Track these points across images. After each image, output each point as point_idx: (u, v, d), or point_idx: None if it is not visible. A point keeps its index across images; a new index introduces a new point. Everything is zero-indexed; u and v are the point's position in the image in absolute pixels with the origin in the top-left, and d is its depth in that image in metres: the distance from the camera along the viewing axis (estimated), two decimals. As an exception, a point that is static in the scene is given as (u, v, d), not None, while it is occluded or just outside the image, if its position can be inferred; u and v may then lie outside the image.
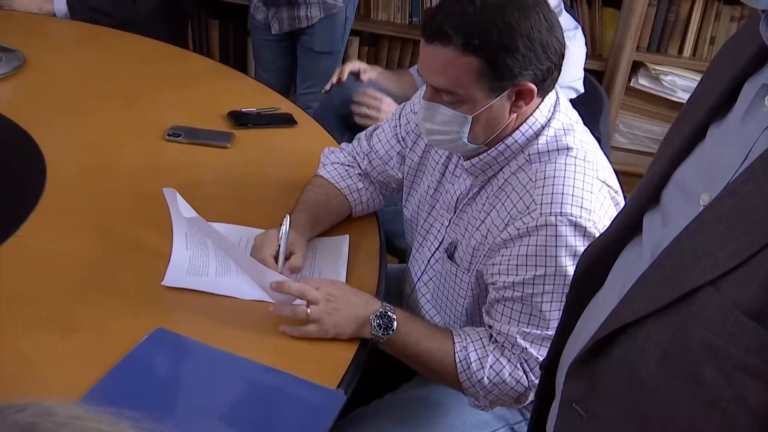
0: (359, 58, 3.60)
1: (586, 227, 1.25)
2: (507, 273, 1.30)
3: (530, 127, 1.33)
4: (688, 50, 3.35)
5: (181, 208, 1.35)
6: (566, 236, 1.25)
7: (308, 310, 1.30)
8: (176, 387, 1.21)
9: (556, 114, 1.35)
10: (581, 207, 1.25)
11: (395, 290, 1.66)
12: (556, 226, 1.25)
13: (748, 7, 3.20)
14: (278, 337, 1.32)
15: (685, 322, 0.70)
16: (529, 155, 1.33)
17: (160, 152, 1.84)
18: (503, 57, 1.24)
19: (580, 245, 1.25)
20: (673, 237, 0.75)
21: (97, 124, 1.93)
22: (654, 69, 3.32)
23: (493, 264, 1.33)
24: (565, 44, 1.31)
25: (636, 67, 3.36)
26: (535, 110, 1.34)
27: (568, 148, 1.31)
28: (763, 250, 0.65)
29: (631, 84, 3.37)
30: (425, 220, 1.54)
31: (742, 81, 0.79)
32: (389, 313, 1.33)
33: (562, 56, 1.31)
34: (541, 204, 1.26)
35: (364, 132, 1.70)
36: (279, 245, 1.41)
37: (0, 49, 2.19)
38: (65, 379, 1.20)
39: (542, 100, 1.34)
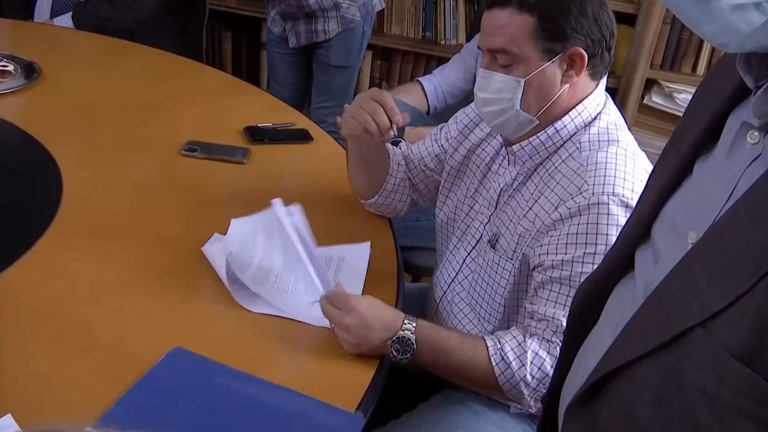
0: (372, 71, 3.61)
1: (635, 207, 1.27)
2: (556, 252, 1.31)
3: (579, 114, 1.38)
4: (702, 68, 3.34)
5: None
6: (617, 215, 1.27)
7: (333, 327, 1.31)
8: (194, 408, 1.19)
9: (606, 109, 1.40)
10: (632, 190, 1.29)
11: (413, 309, 1.65)
12: (608, 204, 1.28)
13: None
14: (297, 358, 1.31)
15: (677, 365, 0.69)
16: (579, 143, 1.37)
17: (176, 167, 1.83)
18: (556, 17, 1.32)
19: None
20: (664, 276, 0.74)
21: (113, 138, 1.92)
22: (668, 86, 3.30)
23: (541, 245, 1.33)
24: (615, 25, 1.38)
25: (649, 84, 3.35)
26: (585, 99, 1.38)
27: (618, 141, 1.36)
28: (749, 292, 0.63)
29: (645, 101, 3.36)
30: (462, 221, 1.55)
31: (726, 115, 0.78)
32: (409, 335, 1.31)
33: (613, 36, 1.37)
34: (594, 185, 1.30)
35: (398, 149, 1.73)
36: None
37: (16, 60, 2.19)
38: (83, 398, 1.18)
39: (594, 89, 1.39)
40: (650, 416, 0.71)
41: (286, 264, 1.43)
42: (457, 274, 1.53)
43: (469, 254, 1.52)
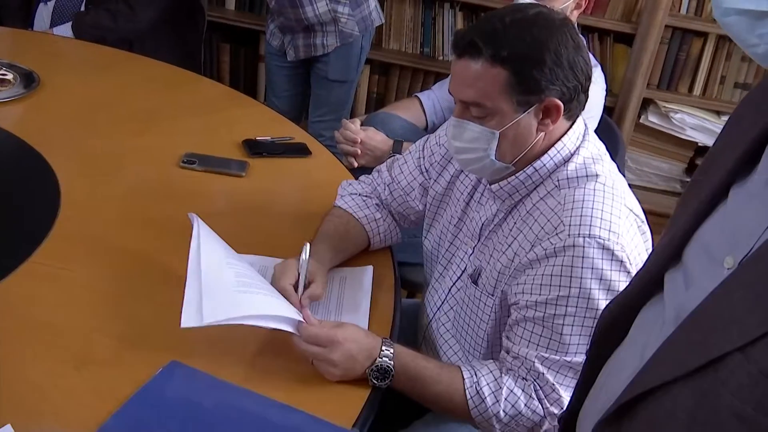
0: (370, 86, 3.62)
1: (614, 250, 1.26)
2: (531, 292, 1.30)
3: (558, 152, 1.35)
4: (698, 89, 3.37)
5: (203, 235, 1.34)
6: (593, 258, 1.26)
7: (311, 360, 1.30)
8: (190, 423, 1.18)
9: (584, 143, 1.37)
10: (609, 230, 1.27)
11: (408, 325, 1.65)
12: (584, 247, 1.26)
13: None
14: (294, 373, 1.30)
15: (712, 389, 0.69)
16: (558, 181, 1.34)
17: (174, 179, 1.83)
18: (530, 69, 1.27)
19: (607, 269, 1.25)
20: (698, 300, 0.74)
21: (111, 148, 1.92)
22: (664, 106, 3.33)
23: (517, 284, 1.33)
24: (592, 67, 1.34)
25: (646, 104, 3.38)
26: (563, 135, 1.36)
27: (596, 176, 1.33)
28: None
29: (641, 120, 3.38)
30: (447, 250, 1.54)
31: (764, 141, 0.78)
32: (387, 362, 1.29)
33: (589, 78, 1.34)
34: (570, 225, 1.28)
35: (384, 164, 1.71)
36: (298, 274, 1.39)
37: (15, 69, 2.19)
38: (78, 411, 1.18)
39: (570, 126, 1.36)
40: None
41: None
42: (443, 303, 1.53)
43: (454, 284, 1.51)
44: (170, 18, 2.78)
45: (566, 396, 1.28)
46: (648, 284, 0.87)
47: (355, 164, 2.07)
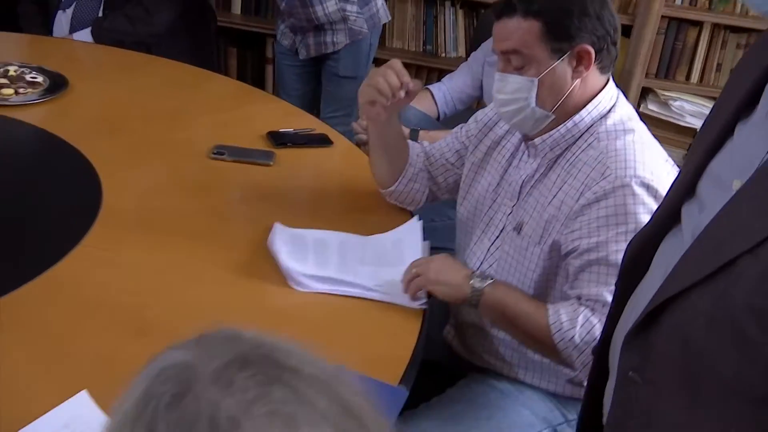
0: (375, 84, 3.70)
1: (657, 189, 1.38)
2: (589, 236, 1.41)
3: (596, 107, 1.48)
4: (695, 76, 3.46)
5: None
6: (641, 195, 1.38)
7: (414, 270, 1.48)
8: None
9: (619, 102, 1.51)
10: (652, 172, 1.40)
11: (438, 305, 1.73)
12: (632, 186, 1.39)
13: (753, 35, 3.33)
14: (340, 334, 1.39)
15: (727, 289, 0.79)
16: (597, 134, 1.47)
17: (206, 169, 1.92)
18: (560, 19, 1.43)
19: (653, 205, 1.37)
20: (710, 220, 0.84)
21: (143, 143, 2.01)
22: (663, 95, 3.42)
23: (572, 231, 1.43)
24: (618, 20, 1.48)
25: (645, 92, 3.47)
26: (599, 92, 1.48)
27: (633, 130, 1.47)
28: None
29: (641, 109, 3.47)
30: (485, 214, 1.64)
31: (765, 83, 0.88)
32: (480, 281, 1.46)
33: (617, 31, 1.48)
34: (616, 169, 1.40)
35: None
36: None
37: (44, 72, 2.28)
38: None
39: (605, 84, 1.49)
40: (703, 337, 0.80)
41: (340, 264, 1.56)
42: (481, 263, 1.62)
43: (492, 243, 1.60)
44: (185, 22, 2.87)
45: None
46: (667, 218, 0.97)
47: None
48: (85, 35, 2.73)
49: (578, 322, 1.40)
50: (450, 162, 1.75)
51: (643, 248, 1.00)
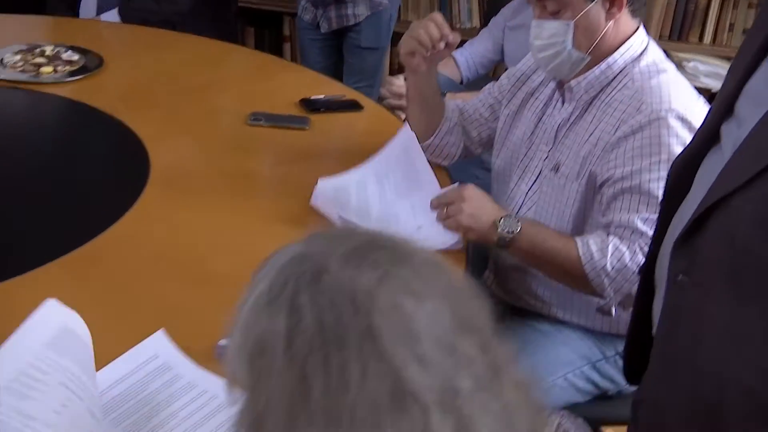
0: (391, 57, 3.76)
1: (691, 121, 1.44)
2: (623, 165, 1.47)
3: (628, 50, 1.55)
4: (708, 37, 3.52)
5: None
6: (676, 127, 1.45)
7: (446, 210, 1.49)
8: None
9: (650, 46, 1.57)
10: (686, 106, 1.47)
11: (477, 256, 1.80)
12: (667, 119, 1.45)
13: (764, -6, 3.38)
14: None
15: None
16: (632, 75, 1.54)
17: (245, 135, 1.99)
18: None
19: (688, 137, 1.43)
20: (749, 132, 0.91)
21: (182, 113, 2.09)
22: (677, 56, 3.47)
23: (608, 162, 1.50)
24: None
25: (659, 55, 3.52)
26: (631, 36, 1.55)
27: (666, 71, 1.54)
28: None
29: (655, 71, 3.52)
30: (521, 161, 1.70)
31: None
32: (511, 220, 1.50)
33: None
34: (651, 103, 1.47)
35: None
36: None
37: (79, 51, 2.34)
38: (205, 325, 1.32)
39: (636, 29, 1.56)
40: (748, 234, 0.87)
41: (382, 202, 1.62)
42: (519, 208, 1.69)
43: (530, 188, 1.67)
44: (207, 1, 2.94)
45: None
46: (707, 139, 1.04)
47: (403, 117, 2.23)
48: (112, 16, 2.80)
49: (608, 251, 1.46)
50: (484, 117, 1.82)
51: (685, 168, 1.06)
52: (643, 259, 1.44)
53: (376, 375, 0.59)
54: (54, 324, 1.10)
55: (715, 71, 3.45)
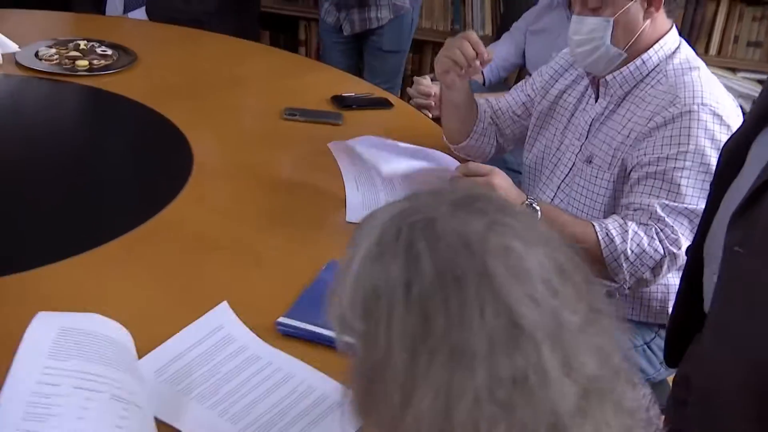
0: (405, 64, 3.83)
1: (722, 115, 1.51)
2: (652, 152, 1.54)
3: (662, 47, 1.61)
4: (714, 49, 3.60)
5: (351, 146, 1.61)
6: (706, 121, 1.51)
7: None
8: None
9: (682, 45, 1.65)
10: (718, 101, 1.53)
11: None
12: (698, 112, 1.51)
13: (768, 8, 3.47)
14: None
15: None
16: (665, 71, 1.60)
17: (281, 129, 2.05)
18: None
19: (718, 131, 1.50)
20: None
21: (218, 107, 2.14)
22: (685, 66, 3.55)
23: (638, 149, 1.57)
24: None
25: (667, 65, 3.60)
26: (666, 34, 1.62)
27: (699, 68, 1.61)
28: None
29: (663, 81, 3.60)
30: (554, 155, 1.77)
31: None
32: (534, 204, 1.53)
33: None
34: (684, 97, 1.54)
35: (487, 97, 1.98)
36: None
37: (112, 46, 2.40)
38: (262, 302, 1.38)
39: (672, 26, 1.63)
40: None
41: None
42: (552, 200, 1.75)
43: (563, 181, 1.74)
44: (231, 3, 3.00)
45: (683, 239, 1.51)
46: (758, 119, 1.10)
47: (430, 116, 2.29)
48: (140, 14, 2.86)
49: (628, 236, 1.52)
50: (517, 114, 1.89)
51: (738, 148, 1.13)
52: (660, 245, 1.51)
53: (492, 313, 0.64)
54: (48, 334, 1.12)
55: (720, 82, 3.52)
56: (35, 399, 1.04)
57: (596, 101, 1.70)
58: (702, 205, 1.50)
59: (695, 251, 1.19)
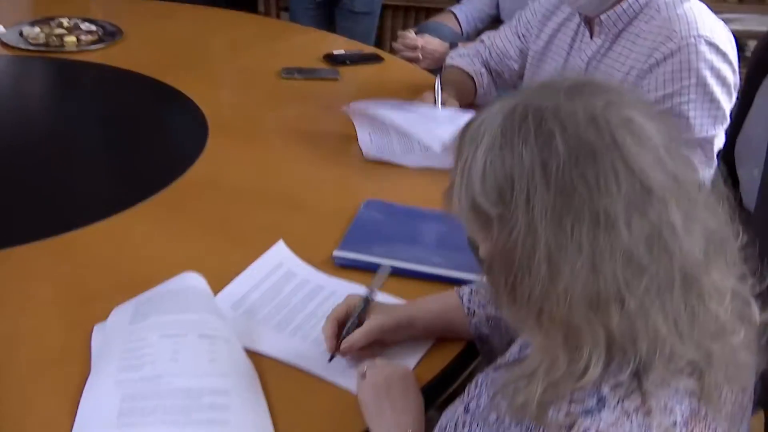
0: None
1: (717, 44, 1.58)
2: (656, 90, 1.61)
3: None
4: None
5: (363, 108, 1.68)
6: (704, 52, 1.58)
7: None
8: (399, 234, 1.44)
9: None
10: (712, 30, 1.60)
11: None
12: (696, 45, 1.58)
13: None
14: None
15: None
16: (657, 6, 1.65)
17: (282, 87, 2.10)
18: None
19: (716, 60, 1.58)
20: None
21: (217, 70, 2.20)
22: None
23: (641, 87, 1.63)
24: None
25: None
26: None
27: (690, 0, 1.65)
28: None
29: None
30: None
31: None
32: None
33: None
34: (680, 31, 1.59)
35: (486, 34, 2.03)
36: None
37: (94, 22, 2.40)
38: (306, 242, 1.43)
39: None
40: None
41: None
42: None
43: None
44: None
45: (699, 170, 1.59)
46: None
47: (419, 69, 2.36)
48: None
49: None
50: (513, 58, 1.95)
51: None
52: None
53: (626, 179, 0.72)
54: (124, 313, 1.19)
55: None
56: (126, 355, 1.10)
57: (591, 38, 1.77)
58: (712, 132, 1.60)
59: (726, 155, 1.27)
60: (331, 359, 1.12)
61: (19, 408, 1.04)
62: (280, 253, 1.37)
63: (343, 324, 1.13)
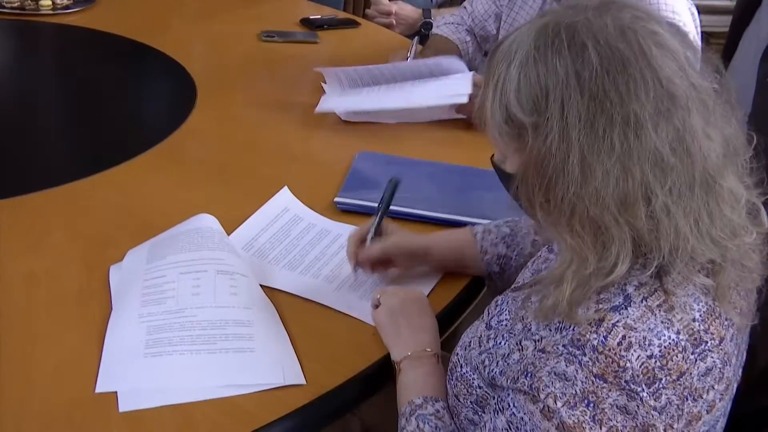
0: None
1: (677, 26, 1.63)
2: None
3: None
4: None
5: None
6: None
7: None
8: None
9: None
10: (673, 11, 1.57)
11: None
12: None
13: None
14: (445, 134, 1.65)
15: None
16: None
17: (263, 50, 2.13)
18: None
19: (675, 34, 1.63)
20: None
21: (197, 34, 2.23)
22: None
23: None
24: None
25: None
26: None
27: None
28: None
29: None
30: None
31: None
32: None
33: None
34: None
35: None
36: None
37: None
38: (305, 192, 1.47)
39: None
40: None
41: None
42: None
43: None
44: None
45: None
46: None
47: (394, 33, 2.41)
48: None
49: None
50: (490, 23, 2.00)
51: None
52: None
53: (653, 86, 0.78)
54: (140, 254, 1.22)
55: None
56: (148, 291, 1.14)
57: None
58: None
59: None
60: (355, 271, 1.20)
61: (44, 342, 1.06)
62: (285, 198, 1.41)
63: (363, 242, 1.21)
